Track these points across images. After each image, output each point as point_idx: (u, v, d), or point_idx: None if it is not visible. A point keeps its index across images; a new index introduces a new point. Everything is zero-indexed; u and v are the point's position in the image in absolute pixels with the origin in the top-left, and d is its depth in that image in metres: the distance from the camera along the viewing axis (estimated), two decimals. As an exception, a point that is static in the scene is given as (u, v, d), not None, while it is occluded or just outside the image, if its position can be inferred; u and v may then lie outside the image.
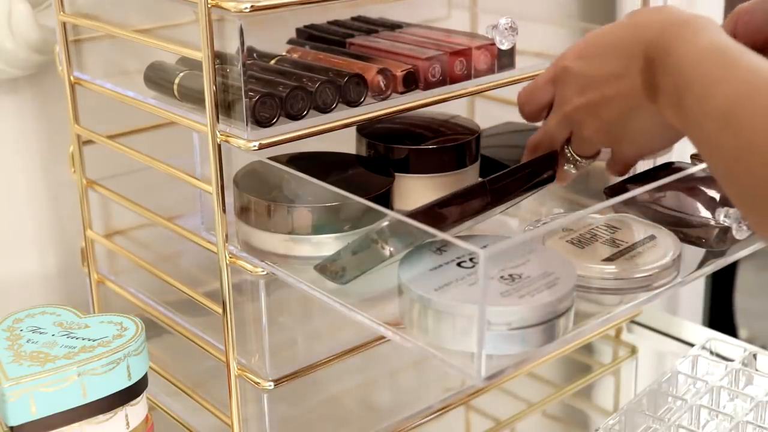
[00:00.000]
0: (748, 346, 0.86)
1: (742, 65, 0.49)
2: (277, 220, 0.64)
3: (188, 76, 0.67)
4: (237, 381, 0.67)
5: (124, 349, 0.60)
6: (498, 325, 0.53)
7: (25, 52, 0.75)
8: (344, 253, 0.60)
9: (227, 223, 0.64)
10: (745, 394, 0.81)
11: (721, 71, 0.50)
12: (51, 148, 0.83)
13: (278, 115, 0.62)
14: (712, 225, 0.65)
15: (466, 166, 0.74)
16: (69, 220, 0.83)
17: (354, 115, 0.65)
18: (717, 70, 0.50)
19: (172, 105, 0.67)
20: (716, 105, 0.49)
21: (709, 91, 0.50)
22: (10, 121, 0.81)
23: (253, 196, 0.65)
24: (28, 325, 0.63)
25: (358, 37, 0.77)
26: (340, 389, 0.85)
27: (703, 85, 0.50)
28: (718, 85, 0.49)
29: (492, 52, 0.73)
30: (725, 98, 0.48)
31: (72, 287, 0.86)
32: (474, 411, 0.87)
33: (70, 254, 0.85)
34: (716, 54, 0.51)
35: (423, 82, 0.70)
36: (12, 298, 0.82)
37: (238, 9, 0.57)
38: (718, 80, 0.50)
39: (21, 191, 0.83)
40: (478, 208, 0.62)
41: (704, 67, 0.51)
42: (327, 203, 0.63)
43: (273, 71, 0.68)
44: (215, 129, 0.61)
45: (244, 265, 0.64)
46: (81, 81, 0.73)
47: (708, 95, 0.50)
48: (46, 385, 0.57)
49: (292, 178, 0.64)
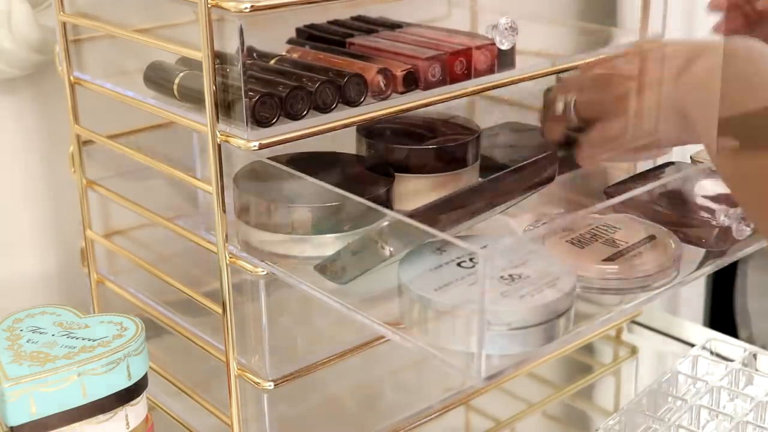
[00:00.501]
0: (749, 346, 0.86)
1: None
2: (276, 220, 0.64)
3: (188, 76, 0.67)
4: (237, 381, 0.67)
5: (124, 349, 0.60)
6: (498, 325, 0.53)
7: (25, 51, 0.75)
8: (344, 253, 0.60)
9: (227, 223, 0.64)
10: (745, 395, 0.81)
11: None
12: (51, 148, 0.83)
13: (278, 115, 0.62)
14: (713, 225, 0.65)
15: (467, 166, 0.74)
16: (69, 220, 0.83)
17: (354, 115, 0.65)
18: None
19: (171, 105, 0.67)
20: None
21: None
22: (10, 121, 0.81)
23: (253, 196, 0.65)
24: (28, 325, 0.63)
25: (358, 36, 0.77)
26: (340, 389, 0.85)
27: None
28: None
29: (492, 52, 0.73)
30: None
31: (72, 287, 0.86)
32: (474, 411, 0.87)
33: (69, 254, 0.85)
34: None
35: (423, 82, 0.70)
36: (12, 298, 0.82)
37: (238, 9, 0.57)
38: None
39: (20, 191, 0.83)
40: (478, 208, 0.62)
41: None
42: (327, 203, 0.63)
43: (273, 71, 0.68)
44: (215, 129, 0.61)
45: (244, 265, 0.64)
46: (81, 81, 0.73)
47: None
48: (46, 385, 0.57)
49: (292, 178, 0.64)
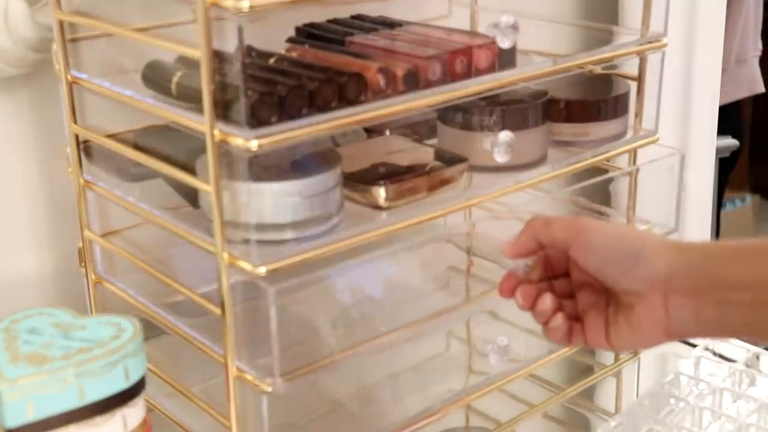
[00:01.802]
0: (751, 347, 0.86)
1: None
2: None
3: (187, 75, 0.66)
4: (235, 383, 0.66)
5: (122, 351, 0.59)
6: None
7: (22, 50, 0.74)
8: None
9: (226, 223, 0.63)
10: (748, 396, 0.81)
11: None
12: (48, 148, 0.82)
13: (277, 114, 0.62)
14: None
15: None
16: (66, 220, 0.83)
17: (353, 114, 0.65)
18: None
19: (170, 104, 0.67)
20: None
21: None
22: (7, 120, 0.80)
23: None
24: (26, 327, 0.63)
25: (357, 35, 0.77)
26: (339, 390, 0.84)
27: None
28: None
29: (493, 50, 0.73)
30: None
31: (69, 288, 0.85)
32: (474, 413, 0.87)
33: (67, 255, 0.85)
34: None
35: (423, 81, 0.69)
36: (9, 299, 0.82)
37: (236, 7, 0.57)
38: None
39: (18, 191, 0.82)
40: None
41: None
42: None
43: (272, 70, 0.68)
44: (213, 128, 0.60)
45: (243, 265, 0.64)
46: (78, 80, 0.73)
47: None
48: (43, 386, 0.57)
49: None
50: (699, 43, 1.21)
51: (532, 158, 0.80)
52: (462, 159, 0.76)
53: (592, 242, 0.61)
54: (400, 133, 0.83)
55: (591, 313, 0.63)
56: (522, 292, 0.64)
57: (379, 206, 0.71)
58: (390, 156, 0.77)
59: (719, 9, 1.23)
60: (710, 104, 1.26)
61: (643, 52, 0.85)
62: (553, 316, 0.63)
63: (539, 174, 0.79)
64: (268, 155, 0.62)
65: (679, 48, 1.20)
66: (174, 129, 0.65)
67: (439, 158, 0.77)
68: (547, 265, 0.65)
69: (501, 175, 0.77)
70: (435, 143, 0.82)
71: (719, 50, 1.25)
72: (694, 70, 1.22)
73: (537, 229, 0.64)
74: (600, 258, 0.60)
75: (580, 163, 0.82)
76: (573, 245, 0.61)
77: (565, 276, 0.65)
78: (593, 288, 0.63)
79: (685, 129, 1.25)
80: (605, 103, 0.86)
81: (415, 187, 0.72)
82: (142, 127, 0.73)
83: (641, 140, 0.88)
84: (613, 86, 0.89)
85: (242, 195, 0.64)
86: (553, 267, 0.65)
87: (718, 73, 1.27)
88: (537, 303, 0.64)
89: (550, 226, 0.63)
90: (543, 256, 0.65)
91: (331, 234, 0.66)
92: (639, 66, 0.87)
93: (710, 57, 1.24)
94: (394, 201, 0.71)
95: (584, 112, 0.86)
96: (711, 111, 1.27)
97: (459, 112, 0.78)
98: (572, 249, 0.61)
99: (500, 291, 0.65)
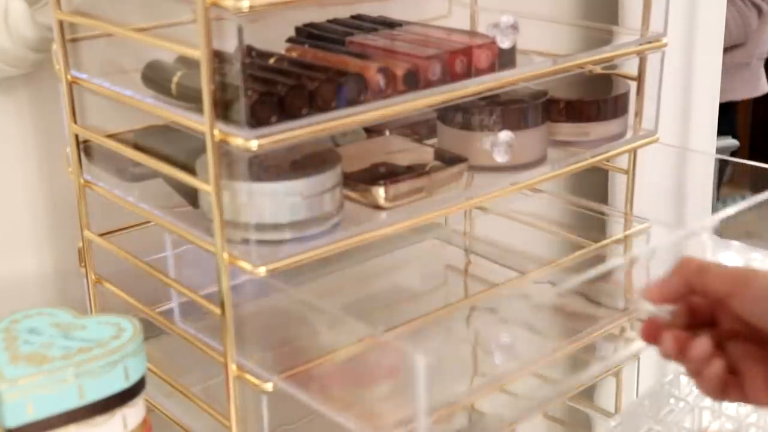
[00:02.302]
0: (751, 347, 0.86)
1: None
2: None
3: (186, 75, 0.66)
4: (235, 382, 0.66)
5: (122, 351, 0.59)
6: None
7: (22, 50, 0.74)
8: None
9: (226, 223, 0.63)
10: (747, 396, 0.81)
11: None
12: (48, 148, 0.82)
13: (277, 114, 0.62)
14: None
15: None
16: (66, 220, 0.83)
17: (353, 114, 0.65)
18: None
19: (170, 104, 0.67)
20: None
21: None
22: (7, 120, 0.80)
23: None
24: (25, 327, 0.63)
25: (357, 35, 0.76)
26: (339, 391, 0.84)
27: None
28: None
29: (493, 50, 0.73)
30: None
31: (69, 288, 0.85)
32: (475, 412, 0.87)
33: (67, 255, 0.85)
34: None
35: (423, 81, 0.69)
36: (9, 299, 0.82)
37: (236, 7, 0.57)
38: None
39: (18, 191, 0.82)
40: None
41: None
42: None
43: (272, 70, 0.68)
44: (213, 128, 0.60)
45: (243, 265, 0.64)
46: (78, 80, 0.73)
47: None
48: (43, 386, 0.57)
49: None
50: (699, 43, 1.21)
51: (532, 158, 0.80)
52: (462, 159, 0.76)
53: (766, 293, 0.55)
54: (400, 133, 0.83)
55: (748, 364, 0.58)
56: (673, 336, 0.59)
57: (379, 206, 0.71)
58: (390, 156, 0.77)
59: (719, 9, 1.23)
60: (710, 104, 1.26)
61: (643, 52, 0.85)
62: (709, 363, 0.58)
63: (539, 174, 0.79)
64: (268, 155, 0.62)
65: (679, 48, 1.20)
66: (174, 129, 0.65)
67: (439, 158, 0.77)
68: (689, 311, 0.60)
69: (501, 175, 0.77)
70: (435, 143, 0.82)
71: (719, 50, 1.25)
72: (694, 70, 1.22)
73: (690, 274, 0.58)
74: None
75: (579, 163, 0.82)
76: (738, 297, 0.56)
77: (709, 325, 0.60)
78: (750, 339, 0.58)
79: (685, 129, 1.25)
80: (605, 103, 0.86)
81: (415, 187, 0.72)
82: (142, 127, 0.73)
83: (641, 140, 0.88)
84: (613, 86, 0.89)
85: (242, 195, 0.64)
86: (695, 314, 0.60)
87: (718, 73, 1.27)
88: (691, 349, 0.58)
89: (707, 273, 0.58)
90: (689, 302, 0.60)
91: (331, 234, 0.66)
92: (639, 66, 0.87)
93: (710, 57, 1.24)
94: (393, 201, 0.71)
95: (584, 112, 0.86)
96: (711, 111, 1.27)
97: (459, 112, 0.78)
98: (736, 300, 0.56)
99: (644, 337, 0.60)
